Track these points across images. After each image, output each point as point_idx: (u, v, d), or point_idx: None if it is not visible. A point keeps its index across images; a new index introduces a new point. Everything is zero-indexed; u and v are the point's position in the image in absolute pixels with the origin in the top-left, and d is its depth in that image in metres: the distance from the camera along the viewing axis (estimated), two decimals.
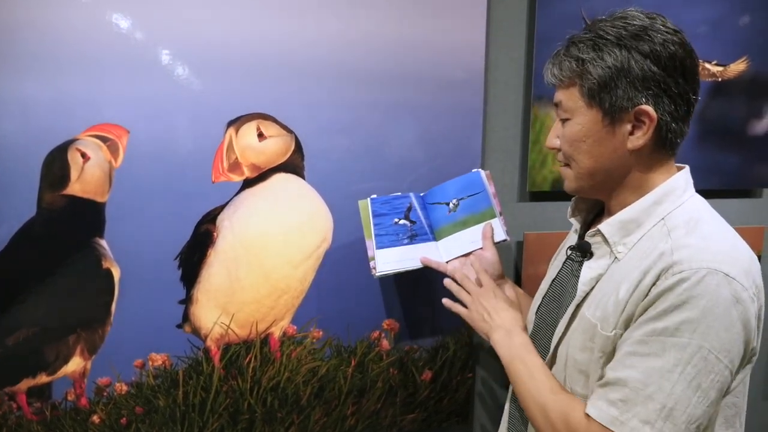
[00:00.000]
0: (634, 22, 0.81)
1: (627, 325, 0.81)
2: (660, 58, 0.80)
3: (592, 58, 0.81)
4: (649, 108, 0.80)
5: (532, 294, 1.13)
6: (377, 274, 1.14)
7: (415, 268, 1.15)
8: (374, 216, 1.17)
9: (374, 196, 1.19)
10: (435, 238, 1.19)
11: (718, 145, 1.48)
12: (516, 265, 1.41)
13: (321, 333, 1.29)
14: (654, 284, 0.78)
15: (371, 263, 1.15)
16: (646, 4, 1.40)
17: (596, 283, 0.87)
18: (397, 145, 1.27)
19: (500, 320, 1.00)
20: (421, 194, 1.22)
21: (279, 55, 1.17)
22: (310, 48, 1.18)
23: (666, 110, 0.81)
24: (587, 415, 0.79)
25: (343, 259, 1.27)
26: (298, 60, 1.18)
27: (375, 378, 1.33)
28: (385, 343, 1.33)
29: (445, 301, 1.10)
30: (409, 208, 1.19)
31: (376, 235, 1.16)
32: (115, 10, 1.08)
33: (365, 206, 1.18)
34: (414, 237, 1.18)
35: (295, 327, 1.27)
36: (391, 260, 1.15)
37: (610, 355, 0.82)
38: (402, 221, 1.18)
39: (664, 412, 0.74)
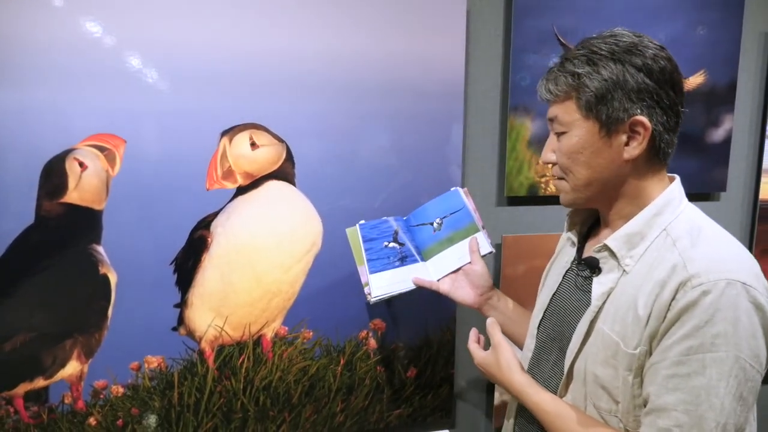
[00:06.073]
0: (624, 39, 0.84)
1: (651, 341, 0.80)
2: (652, 71, 0.83)
3: (588, 72, 0.84)
4: (643, 118, 0.83)
5: (512, 296, 1.20)
6: (372, 300, 1.15)
7: (408, 290, 1.17)
8: (364, 241, 1.19)
9: (362, 222, 1.22)
10: (423, 259, 1.21)
11: (679, 152, 1.56)
12: (495, 267, 1.48)
13: (311, 333, 1.34)
14: (674, 298, 0.78)
15: (366, 289, 1.16)
16: (614, 20, 1.50)
17: (607, 297, 0.87)
18: (384, 152, 1.34)
19: (500, 385, 1.00)
20: (404, 218, 1.26)
21: (270, 68, 1.23)
22: (301, 61, 1.24)
23: (659, 121, 0.84)
24: None
25: (333, 262, 1.32)
26: (290, 73, 1.24)
27: (363, 376, 1.39)
28: (373, 342, 1.39)
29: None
30: (396, 231, 1.22)
31: (368, 260, 1.18)
32: (112, 25, 1.12)
33: (354, 233, 1.20)
34: (404, 259, 1.19)
35: (287, 328, 1.32)
36: (384, 284, 1.16)
37: (637, 372, 0.82)
38: (392, 244, 1.20)
39: (719, 428, 0.74)
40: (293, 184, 1.28)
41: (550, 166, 0.94)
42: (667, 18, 1.51)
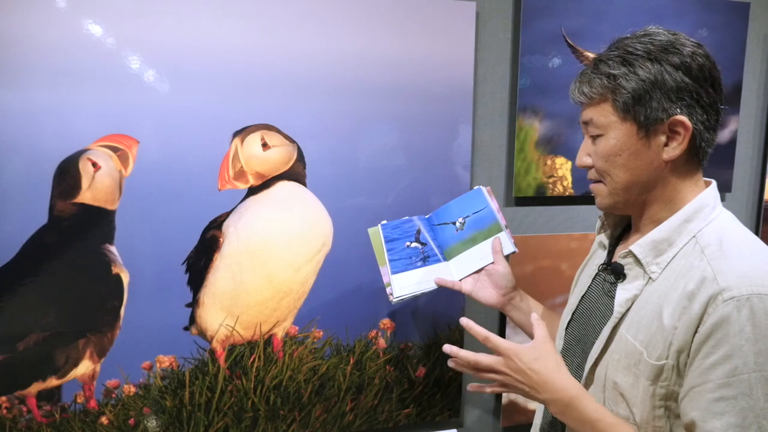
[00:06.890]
0: (660, 38, 0.83)
1: (679, 355, 0.78)
2: (690, 69, 0.81)
3: (624, 73, 0.82)
4: (684, 118, 0.80)
5: (529, 291, 1.19)
6: (394, 300, 1.14)
7: (430, 290, 1.15)
8: (386, 241, 1.18)
9: (384, 222, 1.21)
10: (445, 258, 1.19)
11: None
12: None
13: (321, 333, 1.35)
14: (705, 312, 0.76)
15: (388, 289, 1.15)
16: (620, 22, 1.51)
17: (632, 304, 0.86)
18: (393, 153, 1.34)
19: (547, 393, 0.88)
20: (426, 216, 1.24)
21: (282, 70, 1.24)
22: (312, 63, 1.25)
23: (699, 120, 0.82)
24: None
25: (343, 262, 1.33)
26: (301, 74, 1.25)
27: (372, 375, 1.39)
28: (382, 342, 1.40)
29: (471, 387, 1.01)
30: (419, 231, 1.20)
31: (390, 261, 1.16)
32: (125, 27, 1.13)
33: (376, 233, 1.19)
34: (426, 259, 1.18)
35: (297, 327, 1.33)
36: (406, 284, 1.15)
37: (662, 384, 0.81)
38: (413, 244, 1.19)
39: None
40: (304, 184, 1.29)
41: (587, 169, 0.92)
42: (672, 20, 1.52)
